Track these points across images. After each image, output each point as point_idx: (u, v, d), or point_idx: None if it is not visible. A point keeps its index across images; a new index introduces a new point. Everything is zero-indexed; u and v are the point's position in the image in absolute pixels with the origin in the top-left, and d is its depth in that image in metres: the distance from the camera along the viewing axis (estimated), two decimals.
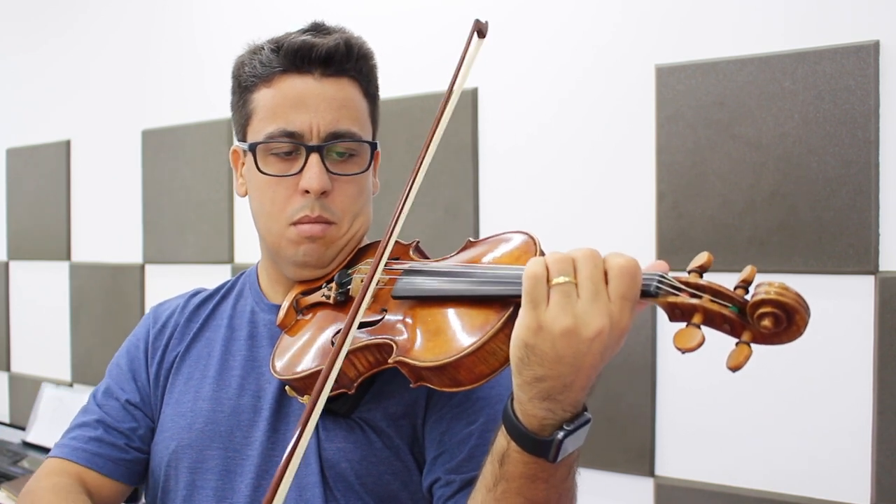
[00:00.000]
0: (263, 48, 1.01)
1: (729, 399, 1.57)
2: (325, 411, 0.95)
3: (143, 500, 1.12)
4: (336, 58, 0.98)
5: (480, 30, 0.92)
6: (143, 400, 1.09)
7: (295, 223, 0.99)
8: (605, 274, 0.68)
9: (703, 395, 1.60)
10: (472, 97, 1.87)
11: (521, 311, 0.70)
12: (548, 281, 0.69)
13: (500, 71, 1.84)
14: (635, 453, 1.66)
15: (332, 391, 0.90)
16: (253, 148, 0.99)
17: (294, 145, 0.97)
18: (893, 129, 1.42)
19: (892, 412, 1.42)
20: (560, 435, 0.71)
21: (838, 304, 1.45)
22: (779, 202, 1.51)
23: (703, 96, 1.58)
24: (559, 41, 1.77)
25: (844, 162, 1.45)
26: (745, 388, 1.55)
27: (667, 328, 1.63)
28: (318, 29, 1.03)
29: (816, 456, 1.49)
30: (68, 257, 2.77)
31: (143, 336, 1.13)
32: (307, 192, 0.97)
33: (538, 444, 0.72)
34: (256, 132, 1.00)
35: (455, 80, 0.90)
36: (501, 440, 0.75)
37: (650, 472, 1.65)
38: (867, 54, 1.43)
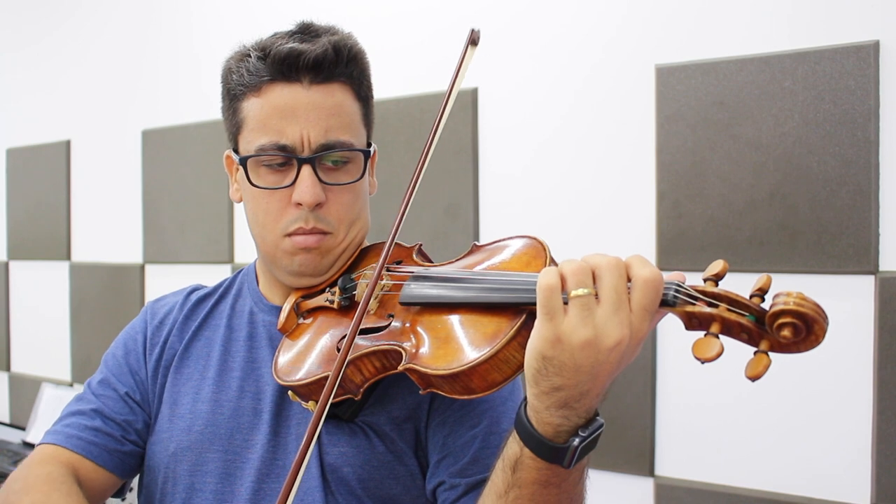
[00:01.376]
0: (250, 55, 0.98)
1: (729, 399, 1.56)
2: (330, 416, 0.95)
3: (126, 494, 1.11)
4: (324, 64, 0.95)
5: (474, 39, 0.91)
6: (140, 394, 1.08)
7: (289, 234, 0.98)
8: (628, 282, 0.68)
9: (703, 395, 1.60)
10: (472, 98, 1.86)
11: (537, 323, 0.69)
12: (564, 291, 0.68)
13: (501, 71, 1.84)
14: (635, 453, 1.66)
15: (337, 397, 0.89)
16: (244, 161, 0.98)
17: (286, 157, 0.96)
18: (893, 129, 1.42)
19: (892, 412, 1.42)
20: (576, 442, 0.71)
21: (838, 304, 1.45)
22: (779, 202, 1.50)
23: (703, 96, 1.58)
24: (559, 42, 1.77)
25: (844, 162, 1.45)
26: (744, 389, 1.54)
27: (667, 328, 1.63)
28: (306, 31, 1.00)
29: (816, 456, 1.49)
30: (68, 257, 2.77)
31: (140, 330, 1.12)
32: (300, 204, 0.96)
33: (554, 451, 0.72)
34: (247, 144, 0.98)
35: (453, 86, 0.90)
36: (514, 447, 0.75)
37: (650, 472, 1.65)
38: (867, 54, 1.42)
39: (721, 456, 1.58)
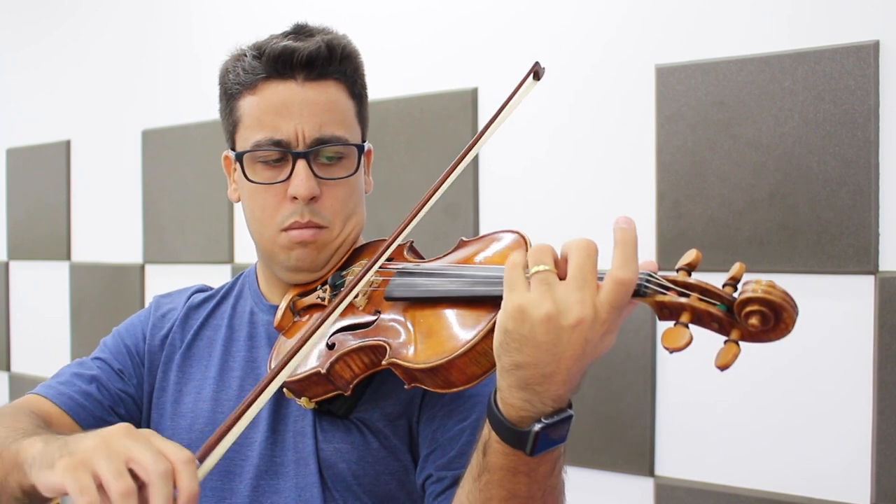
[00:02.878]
0: (246, 55, 1.01)
1: (729, 399, 1.56)
2: (324, 412, 0.96)
3: None
4: (318, 61, 0.98)
5: (537, 72, 0.94)
6: (136, 378, 1.09)
7: (286, 229, 0.99)
8: (601, 277, 0.68)
9: (703, 395, 1.60)
10: (472, 97, 1.87)
11: (504, 297, 0.70)
12: (527, 269, 0.69)
13: (501, 71, 1.84)
14: (635, 453, 1.66)
15: (328, 394, 0.91)
16: (240, 157, 1.00)
17: (281, 153, 0.98)
18: (893, 129, 1.42)
19: (892, 412, 1.42)
20: (536, 427, 0.70)
21: (838, 304, 1.45)
22: (779, 202, 1.50)
23: (703, 96, 1.58)
24: (560, 42, 1.77)
25: (844, 162, 1.45)
26: (745, 388, 1.55)
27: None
28: (300, 31, 1.02)
29: (816, 456, 1.49)
30: (68, 257, 2.77)
31: (144, 319, 1.14)
32: (295, 198, 0.97)
33: (515, 435, 0.72)
34: (243, 140, 1.00)
35: (499, 113, 0.92)
36: (485, 430, 0.76)
37: (650, 472, 1.65)
38: (867, 54, 1.42)
39: (721, 456, 1.58)
